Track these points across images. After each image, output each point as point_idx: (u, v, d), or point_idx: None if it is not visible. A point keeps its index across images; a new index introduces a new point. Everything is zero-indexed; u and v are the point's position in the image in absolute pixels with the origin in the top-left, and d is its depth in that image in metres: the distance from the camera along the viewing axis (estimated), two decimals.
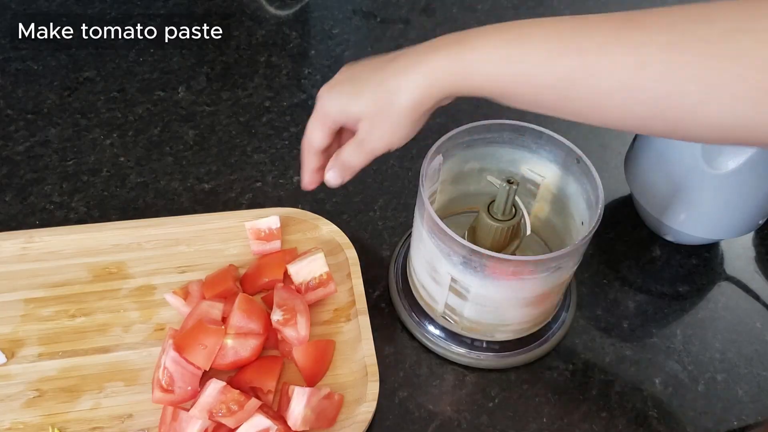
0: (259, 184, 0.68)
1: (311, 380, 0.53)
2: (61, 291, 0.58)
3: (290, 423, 0.49)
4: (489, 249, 0.47)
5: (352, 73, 0.50)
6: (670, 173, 0.58)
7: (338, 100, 0.49)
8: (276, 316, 0.53)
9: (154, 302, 0.57)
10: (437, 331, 0.57)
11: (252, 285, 0.57)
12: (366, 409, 0.51)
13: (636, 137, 0.63)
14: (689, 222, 0.60)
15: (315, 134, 0.51)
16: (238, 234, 0.61)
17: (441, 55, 0.44)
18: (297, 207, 0.65)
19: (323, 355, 0.54)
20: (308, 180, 0.55)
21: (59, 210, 0.65)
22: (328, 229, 0.61)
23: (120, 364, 0.54)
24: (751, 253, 0.66)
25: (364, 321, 0.55)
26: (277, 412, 0.51)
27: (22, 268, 0.58)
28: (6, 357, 0.53)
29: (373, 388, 0.52)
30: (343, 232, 0.61)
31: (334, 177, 0.52)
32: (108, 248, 0.60)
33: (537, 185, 0.56)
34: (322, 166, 0.53)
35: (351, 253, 0.59)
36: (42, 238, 0.59)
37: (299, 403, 0.48)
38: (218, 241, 0.61)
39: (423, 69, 0.44)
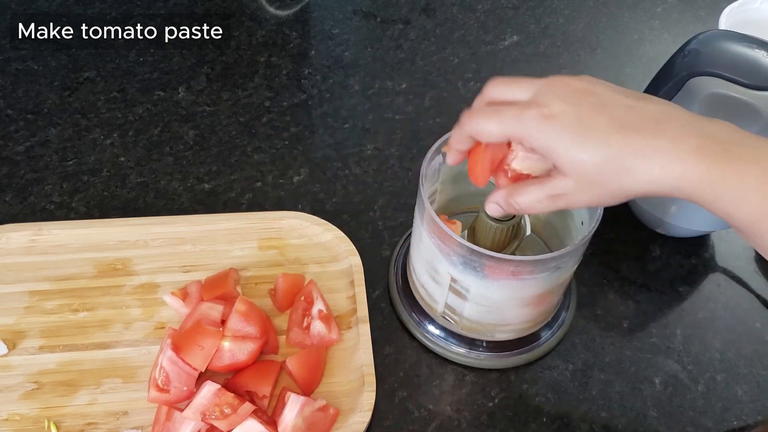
0: (259, 184, 0.68)
1: (307, 389, 0.52)
2: (66, 285, 0.58)
3: (280, 430, 0.49)
4: (489, 249, 0.47)
5: (580, 109, 0.40)
6: None
7: (551, 138, 0.40)
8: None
9: (157, 300, 0.57)
10: (437, 331, 0.57)
11: None
12: (360, 419, 0.51)
13: None
14: (680, 214, 0.60)
15: (492, 132, 0.41)
16: (244, 236, 0.61)
17: (703, 165, 0.37)
18: (297, 207, 0.66)
19: (317, 363, 0.54)
20: (454, 160, 0.46)
21: (59, 210, 0.65)
22: (333, 234, 0.61)
23: (119, 361, 0.54)
24: (750, 253, 0.66)
25: (364, 329, 0.55)
26: (271, 417, 0.51)
27: (29, 260, 0.59)
28: (7, 348, 0.54)
29: (369, 398, 0.52)
30: (343, 232, 0.61)
31: (496, 210, 0.45)
32: (114, 244, 0.60)
33: None
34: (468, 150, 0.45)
35: (355, 260, 0.59)
36: (50, 231, 0.60)
37: (292, 411, 0.48)
38: (225, 242, 0.61)
39: (675, 170, 0.38)
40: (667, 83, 0.53)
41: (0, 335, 0.54)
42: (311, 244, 0.61)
